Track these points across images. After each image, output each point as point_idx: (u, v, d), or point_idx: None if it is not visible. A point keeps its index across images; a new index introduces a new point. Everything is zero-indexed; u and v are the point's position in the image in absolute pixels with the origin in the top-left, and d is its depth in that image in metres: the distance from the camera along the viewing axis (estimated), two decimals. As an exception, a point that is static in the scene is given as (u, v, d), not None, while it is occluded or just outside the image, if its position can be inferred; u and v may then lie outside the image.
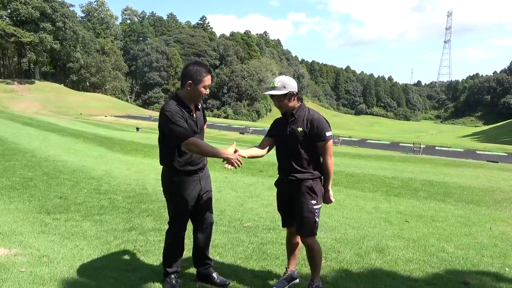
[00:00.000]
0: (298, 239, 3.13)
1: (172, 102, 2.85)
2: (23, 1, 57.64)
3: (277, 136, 3.03)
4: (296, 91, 2.92)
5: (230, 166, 2.78)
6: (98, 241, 4.03)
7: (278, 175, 3.12)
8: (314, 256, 2.99)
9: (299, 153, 2.90)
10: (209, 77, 2.90)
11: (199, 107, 3.03)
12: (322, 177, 3.01)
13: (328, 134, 2.89)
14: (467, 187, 8.40)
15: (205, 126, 3.19)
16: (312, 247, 2.98)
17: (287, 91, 2.87)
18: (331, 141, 2.94)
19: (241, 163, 2.78)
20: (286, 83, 2.88)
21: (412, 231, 4.90)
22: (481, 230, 5.06)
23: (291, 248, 3.19)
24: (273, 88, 2.88)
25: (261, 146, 3.08)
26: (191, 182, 2.95)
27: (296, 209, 2.96)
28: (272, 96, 2.93)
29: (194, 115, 2.94)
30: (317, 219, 2.93)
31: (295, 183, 2.93)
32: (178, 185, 2.94)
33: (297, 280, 3.15)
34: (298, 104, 2.96)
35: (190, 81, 2.82)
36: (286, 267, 3.19)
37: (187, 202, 2.96)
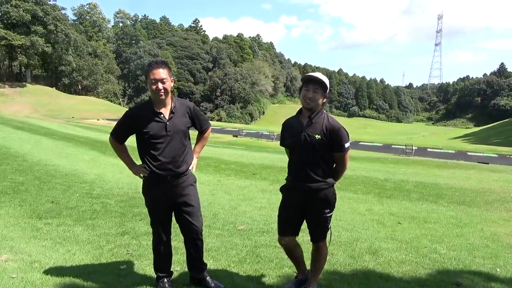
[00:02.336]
0: (299, 246, 3.06)
1: (138, 105, 3.00)
2: (14, 4, 57.11)
3: (291, 141, 2.85)
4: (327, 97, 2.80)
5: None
6: (91, 245, 3.99)
7: (286, 181, 2.95)
8: (320, 259, 2.98)
9: (316, 161, 2.76)
10: (155, 70, 2.76)
11: (176, 109, 2.86)
12: (335, 183, 2.90)
13: (347, 145, 2.80)
14: (458, 188, 8.48)
15: (205, 134, 3.15)
16: (321, 250, 2.97)
17: (328, 89, 2.77)
18: (349, 152, 2.86)
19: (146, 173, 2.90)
20: (327, 80, 2.78)
21: (405, 232, 4.93)
22: (473, 231, 5.11)
23: (297, 258, 3.06)
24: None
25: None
26: (159, 187, 2.89)
27: (309, 216, 2.90)
28: (313, 82, 2.74)
29: (165, 117, 2.84)
30: (329, 226, 2.93)
31: (309, 193, 2.80)
32: (147, 189, 2.96)
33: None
34: (319, 109, 2.82)
35: (146, 80, 2.88)
36: (296, 274, 3.17)
37: (155, 208, 2.95)
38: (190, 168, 2.98)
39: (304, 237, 4.37)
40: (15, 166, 8.72)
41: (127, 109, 2.91)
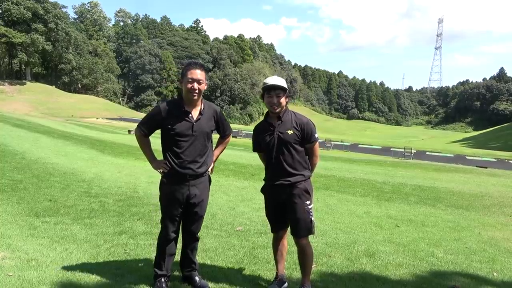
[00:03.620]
0: (286, 242, 3.19)
1: (168, 101, 2.99)
2: (15, 2, 57.14)
3: (265, 144, 3.01)
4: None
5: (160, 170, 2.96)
6: (88, 244, 3.99)
7: (265, 182, 3.11)
8: (306, 259, 3.01)
9: (291, 156, 2.93)
10: (193, 70, 2.85)
11: (204, 111, 2.95)
12: (311, 175, 3.06)
13: (316, 135, 3.01)
14: (456, 192, 8.49)
15: (226, 139, 3.25)
16: (305, 249, 3.01)
17: (287, 89, 2.93)
18: (318, 143, 3.05)
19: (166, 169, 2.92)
20: (284, 82, 2.94)
21: (403, 235, 4.93)
22: (470, 235, 5.11)
23: (280, 252, 3.19)
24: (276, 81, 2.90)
25: (265, 162, 3.11)
26: (178, 186, 2.93)
27: (290, 212, 2.98)
28: (274, 89, 2.90)
29: (193, 117, 2.91)
30: (312, 218, 2.99)
31: (289, 187, 2.93)
32: (165, 185, 2.98)
33: (286, 284, 3.15)
34: (285, 108, 2.99)
35: (181, 79, 2.94)
36: (276, 272, 3.19)
37: (169, 204, 2.97)
38: (208, 170, 3.06)
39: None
40: (14, 164, 8.71)
41: (157, 103, 2.92)
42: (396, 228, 5.30)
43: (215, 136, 3.16)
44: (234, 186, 7.95)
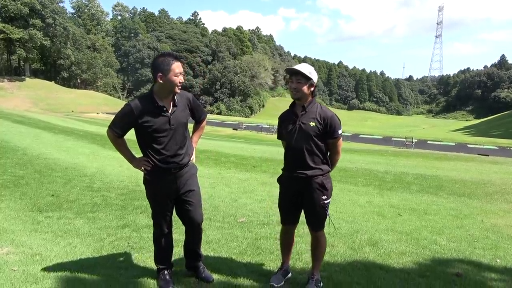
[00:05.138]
0: (294, 236, 3.19)
1: (138, 98, 2.82)
2: (12, -3, 56.79)
3: (287, 132, 2.94)
4: (315, 84, 2.89)
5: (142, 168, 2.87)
6: (91, 238, 4.00)
7: (282, 171, 3.06)
8: (319, 250, 3.03)
9: (311, 149, 2.85)
10: (177, 63, 2.73)
11: (178, 102, 2.84)
12: (330, 171, 2.99)
13: (339, 132, 2.90)
14: (458, 180, 8.49)
15: (202, 124, 3.16)
16: (319, 240, 3.02)
17: (311, 77, 2.83)
18: (341, 139, 2.95)
19: (148, 166, 2.83)
20: (312, 71, 2.86)
21: (405, 224, 4.94)
22: (473, 223, 5.11)
23: (287, 245, 3.19)
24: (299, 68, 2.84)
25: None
26: (164, 181, 2.86)
27: (306, 205, 2.95)
28: (295, 74, 2.84)
29: (168, 111, 2.79)
30: (327, 213, 2.98)
31: (305, 179, 2.88)
32: (149, 181, 2.91)
33: (290, 274, 3.16)
34: (310, 99, 2.91)
35: (160, 74, 2.72)
36: (282, 262, 3.20)
37: (157, 200, 2.92)
38: (191, 159, 3.00)
39: (304, 229, 4.39)
40: (15, 160, 8.71)
41: (126, 102, 2.82)
42: (399, 217, 5.31)
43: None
44: (236, 178, 7.95)
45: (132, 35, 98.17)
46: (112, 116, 3.02)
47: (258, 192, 6.64)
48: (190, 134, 3.12)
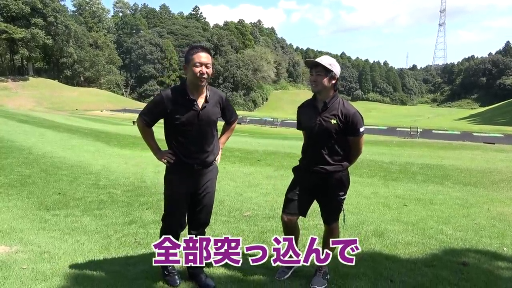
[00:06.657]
0: (299, 229, 3.14)
1: (171, 88, 2.79)
2: (13, -4, 56.83)
3: (306, 126, 2.90)
4: (338, 77, 2.80)
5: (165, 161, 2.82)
6: (99, 235, 4.03)
7: (299, 162, 3.00)
8: (332, 240, 3.01)
9: (331, 145, 2.80)
10: (200, 54, 2.66)
11: (210, 98, 2.78)
12: (349, 166, 2.94)
13: (362, 129, 2.82)
14: (464, 169, 8.45)
15: (232, 126, 3.14)
16: (333, 231, 3.02)
17: (332, 70, 2.74)
18: (363, 136, 2.88)
19: (172, 159, 2.78)
20: (333, 63, 2.76)
21: (411, 214, 4.93)
22: (479, 211, 5.10)
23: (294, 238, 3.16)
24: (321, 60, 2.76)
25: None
26: (185, 176, 2.80)
27: (323, 199, 2.94)
28: (315, 66, 2.76)
29: (199, 105, 2.73)
30: (342, 208, 2.98)
31: (324, 175, 2.84)
32: (170, 176, 2.84)
33: (296, 266, 3.16)
34: (333, 93, 2.82)
35: (185, 64, 2.74)
36: None
37: (174, 196, 2.84)
38: (216, 159, 2.93)
39: (310, 222, 4.39)
40: (21, 159, 8.78)
41: (159, 91, 2.77)
42: (404, 207, 5.30)
43: (220, 124, 3.09)
44: (241, 172, 7.97)
45: (134, 31, 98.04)
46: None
47: (263, 185, 6.65)
48: (219, 135, 3.06)
